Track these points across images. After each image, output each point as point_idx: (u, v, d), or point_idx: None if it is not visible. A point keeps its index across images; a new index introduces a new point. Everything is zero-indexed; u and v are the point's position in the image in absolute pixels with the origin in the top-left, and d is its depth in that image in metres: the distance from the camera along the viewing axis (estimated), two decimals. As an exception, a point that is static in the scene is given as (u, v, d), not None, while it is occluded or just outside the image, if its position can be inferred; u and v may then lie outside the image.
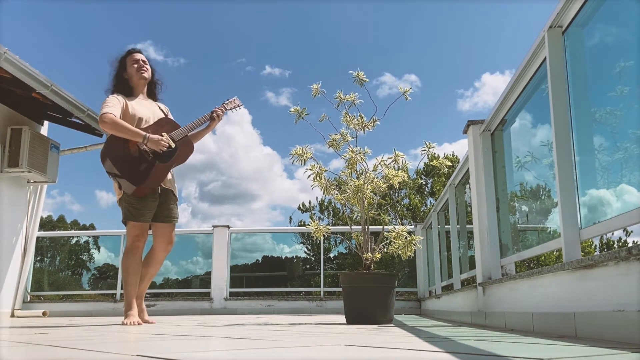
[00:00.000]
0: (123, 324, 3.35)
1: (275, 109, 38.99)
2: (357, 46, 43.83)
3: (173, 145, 3.56)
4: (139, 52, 3.80)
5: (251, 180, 42.47)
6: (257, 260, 8.57)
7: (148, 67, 3.77)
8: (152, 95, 3.84)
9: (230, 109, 3.89)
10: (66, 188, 44.92)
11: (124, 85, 3.70)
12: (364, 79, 3.73)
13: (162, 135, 3.54)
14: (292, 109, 3.84)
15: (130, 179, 3.50)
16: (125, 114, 3.58)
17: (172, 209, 3.73)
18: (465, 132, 3.82)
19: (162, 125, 3.63)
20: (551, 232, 2.70)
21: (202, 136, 3.83)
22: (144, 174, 3.54)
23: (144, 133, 3.49)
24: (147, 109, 3.68)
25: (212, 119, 3.75)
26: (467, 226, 4.79)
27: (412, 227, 7.47)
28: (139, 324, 3.36)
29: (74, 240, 8.90)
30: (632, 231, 15.04)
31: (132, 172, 3.53)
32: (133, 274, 3.56)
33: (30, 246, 6.55)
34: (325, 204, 20.83)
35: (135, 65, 3.71)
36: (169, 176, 3.71)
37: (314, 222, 3.91)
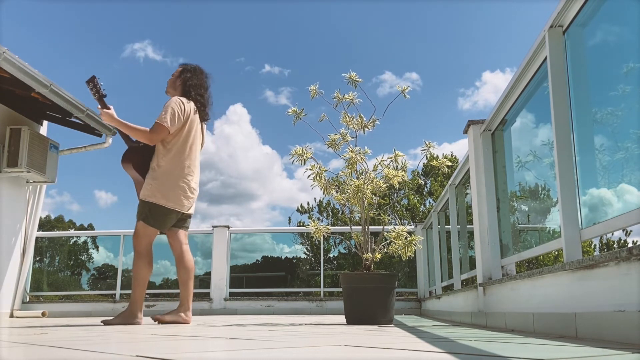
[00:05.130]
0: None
1: (275, 108, 39.06)
2: (357, 44, 43.92)
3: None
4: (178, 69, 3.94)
5: (250, 179, 42.53)
6: (257, 260, 8.56)
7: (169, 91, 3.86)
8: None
9: (94, 95, 3.65)
10: (65, 188, 45.04)
11: None
12: (357, 79, 3.73)
13: None
14: (290, 110, 3.84)
15: None
16: None
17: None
18: (465, 131, 3.81)
19: None
20: (551, 232, 2.69)
21: (127, 133, 3.64)
22: None
23: None
24: None
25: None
26: (468, 226, 4.79)
27: (413, 227, 7.46)
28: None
29: (73, 241, 8.89)
30: (631, 231, 15.05)
31: None
32: None
33: (29, 246, 6.54)
34: (324, 204, 20.77)
35: None
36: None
37: (313, 222, 3.90)
